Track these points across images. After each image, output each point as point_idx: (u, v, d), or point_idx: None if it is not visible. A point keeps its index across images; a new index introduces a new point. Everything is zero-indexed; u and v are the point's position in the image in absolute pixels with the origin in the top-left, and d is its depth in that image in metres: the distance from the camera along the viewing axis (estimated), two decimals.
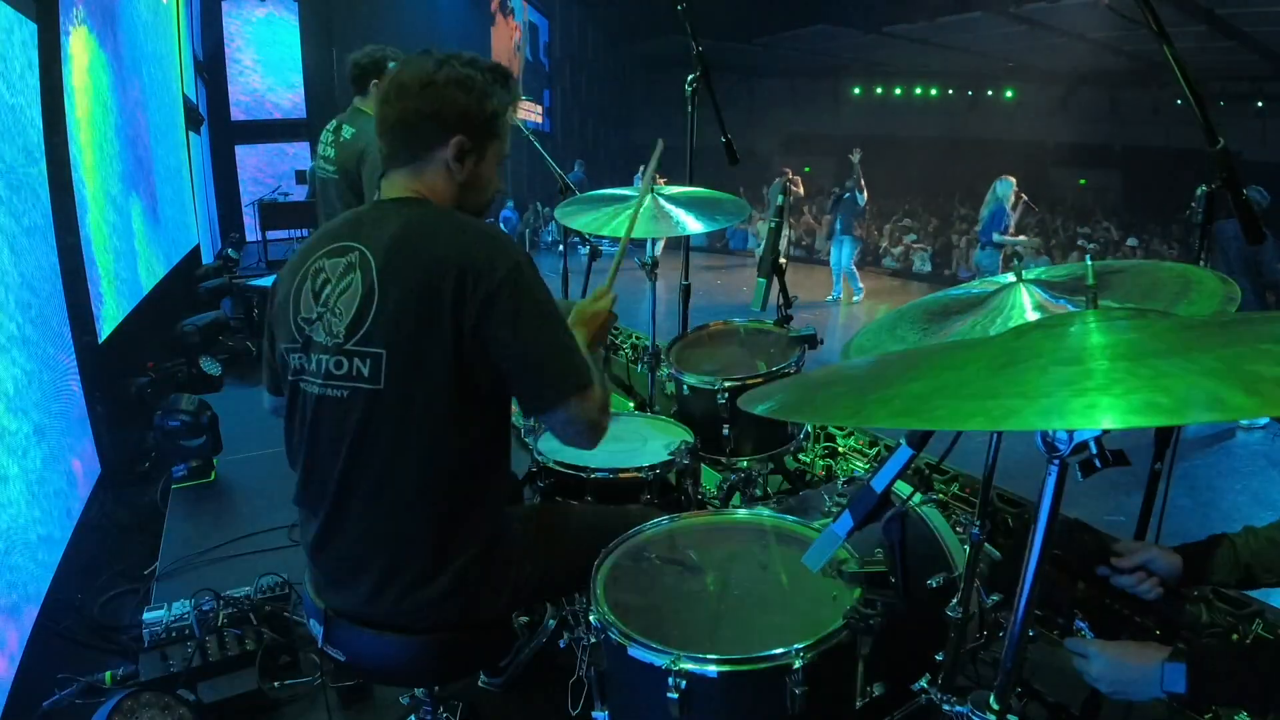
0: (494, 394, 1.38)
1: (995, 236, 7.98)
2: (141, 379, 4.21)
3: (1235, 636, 1.51)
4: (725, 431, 2.41)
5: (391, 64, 3.24)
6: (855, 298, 9.92)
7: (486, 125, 1.42)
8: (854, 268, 9.93)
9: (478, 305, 1.29)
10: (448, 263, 1.30)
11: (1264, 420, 5.04)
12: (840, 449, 3.42)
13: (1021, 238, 8.56)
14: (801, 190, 11.52)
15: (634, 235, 2.16)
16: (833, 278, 9.98)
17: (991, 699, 1.13)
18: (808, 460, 3.43)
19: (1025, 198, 8.29)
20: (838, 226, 9.80)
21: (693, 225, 2.48)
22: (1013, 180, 7.97)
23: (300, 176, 11.47)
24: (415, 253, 1.33)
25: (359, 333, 1.32)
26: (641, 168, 2.29)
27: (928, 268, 12.80)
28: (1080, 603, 1.52)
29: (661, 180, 2.57)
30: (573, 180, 3.16)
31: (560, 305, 1.42)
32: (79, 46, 3.95)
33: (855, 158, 9.34)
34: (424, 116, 1.38)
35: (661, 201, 2.52)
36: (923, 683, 1.49)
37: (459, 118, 1.39)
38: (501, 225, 13.79)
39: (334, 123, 3.31)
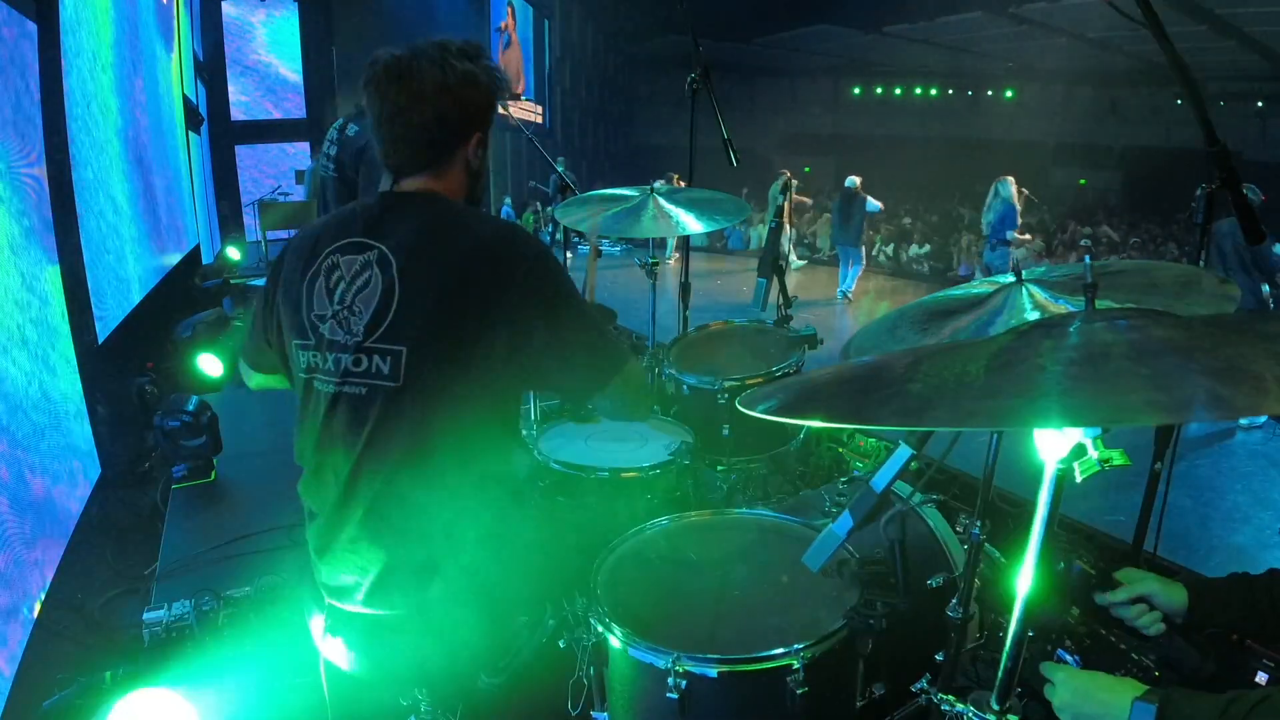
0: (511, 392, 1.40)
1: (1009, 234, 8.14)
2: (141, 379, 4.22)
3: (1235, 637, 1.49)
4: (725, 431, 2.41)
5: None
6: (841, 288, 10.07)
7: (490, 115, 1.45)
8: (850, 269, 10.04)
9: (507, 298, 1.30)
10: (473, 260, 1.31)
11: (1263, 419, 5.04)
12: (841, 451, 3.41)
13: (1026, 236, 8.64)
14: (792, 195, 11.60)
15: (635, 236, 2.20)
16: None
17: (992, 699, 1.13)
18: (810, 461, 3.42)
19: (1026, 192, 8.48)
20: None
21: (693, 225, 2.49)
22: (1011, 179, 8.13)
23: (300, 176, 11.47)
24: (439, 251, 1.33)
25: (379, 330, 1.32)
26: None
27: (926, 269, 12.80)
28: (1071, 630, 1.41)
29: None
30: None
31: None
32: (80, 46, 3.95)
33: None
34: (447, 122, 1.38)
35: (661, 201, 2.53)
36: (923, 683, 1.49)
37: (475, 115, 1.41)
38: None
39: (340, 120, 3.31)
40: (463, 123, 1.40)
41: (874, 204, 9.87)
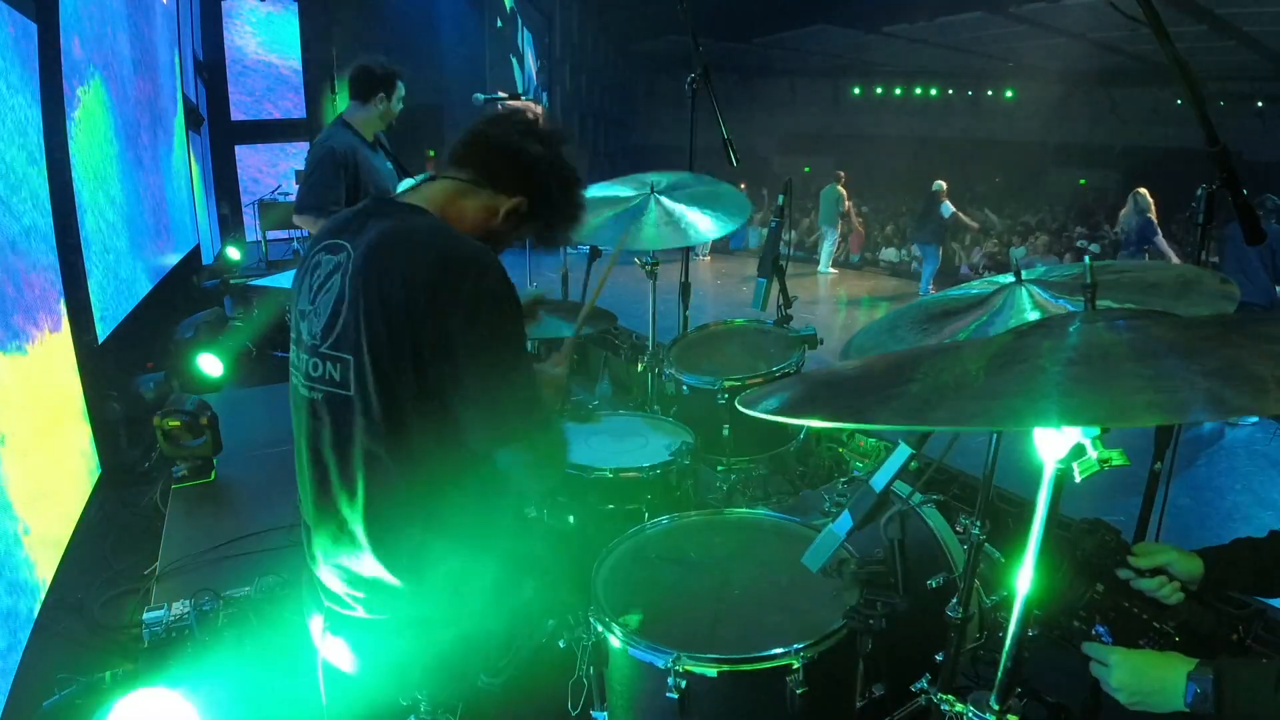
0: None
1: (1159, 243, 8.58)
2: (142, 378, 4.22)
3: (1235, 637, 1.50)
4: (725, 431, 2.41)
5: (400, 83, 3.23)
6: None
7: (537, 198, 1.45)
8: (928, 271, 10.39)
9: (447, 327, 1.25)
10: (414, 278, 1.26)
11: (1254, 417, 5.05)
12: (841, 451, 3.42)
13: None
14: (846, 198, 11.87)
15: (644, 247, 2.23)
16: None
17: (992, 699, 1.13)
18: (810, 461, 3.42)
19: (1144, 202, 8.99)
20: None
21: (702, 226, 2.48)
22: (1144, 190, 8.72)
23: (300, 177, 11.45)
24: (388, 262, 1.29)
25: (330, 337, 1.31)
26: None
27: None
28: (1098, 605, 1.46)
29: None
30: None
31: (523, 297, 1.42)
32: (80, 45, 3.95)
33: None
34: (508, 158, 1.41)
35: (666, 203, 2.52)
36: (923, 683, 1.49)
37: (527, 178, 1.43)
38: None
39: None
40: (520, 169, 1.42)
41: (947, 207, 10.10)
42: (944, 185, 10.20)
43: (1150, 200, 8.63)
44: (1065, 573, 1.45)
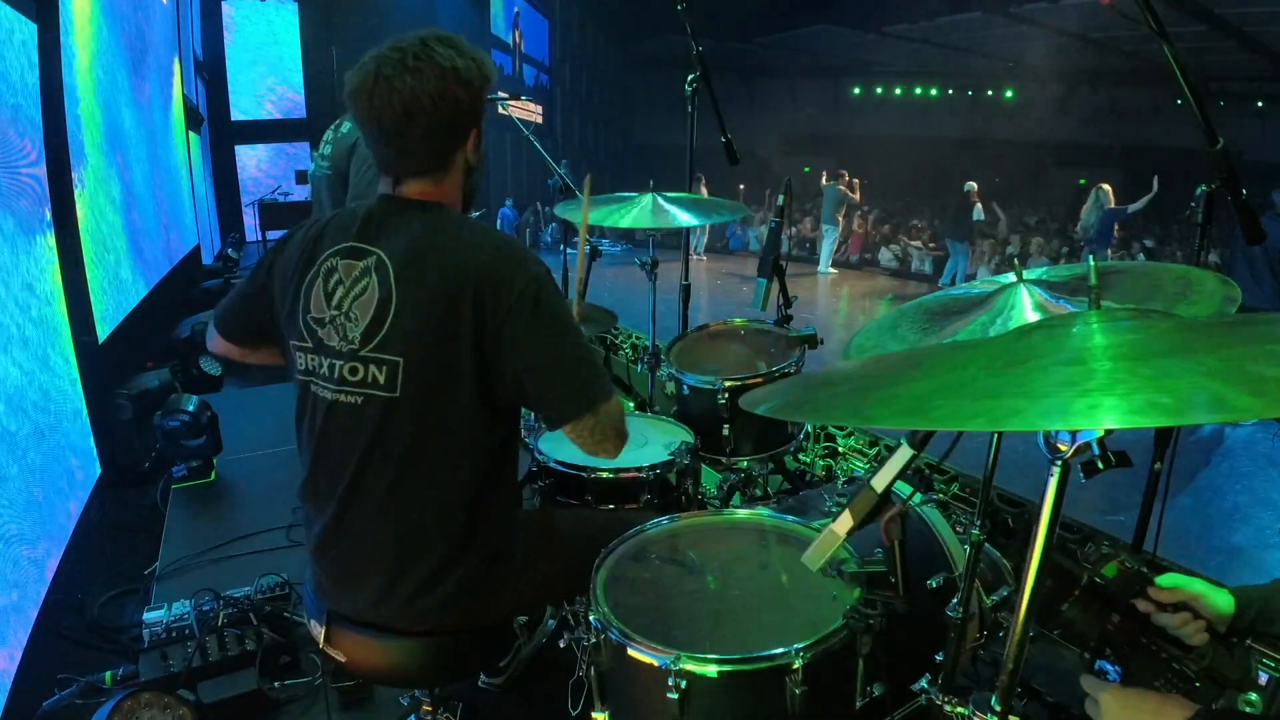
0: (509, 403, 1.39)
1: (1131, 208, 9.22)
2: (143, 378, 4.21)
3: (1235, 640, 1.47)
4: (725, 431, 2.41)
5: None
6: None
7: (483, 108, 1.43)
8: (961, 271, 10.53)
9: (498, 319, 1.29)
10: (468, 274, 1.30)
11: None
12: (840, 449, 3.42)
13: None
14: (857, 195, 11.89)
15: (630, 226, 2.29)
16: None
17: (993, 699, 1.13)
18: (808, 460, 3.43)
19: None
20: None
21: (688, 219, 2.52)
22: (1107, 187, 9.36)
23: (300, 177, 11.46)
24: (435, 262, 1.32)
25: (375, 339, 1.31)
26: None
27: (928, 268, 12.79)
28: (1111, 639, 1.33)
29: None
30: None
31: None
32: (80, 46, 3.95)
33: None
34: (445, 129, 1.36)
35: (661, 201, 2.54)
36: (923, 683, 1.49)
37: (469, 115, 1.39)
38: (499, 224, 13.76)
39: (336, 121, 3.32)
40: (459, 126, 1.38)
41: (978, 211, 10.18)
42: (975, 186, 10.28)
43: (1110, 193, 9.17)
44: (1077, 600, 1.32)
